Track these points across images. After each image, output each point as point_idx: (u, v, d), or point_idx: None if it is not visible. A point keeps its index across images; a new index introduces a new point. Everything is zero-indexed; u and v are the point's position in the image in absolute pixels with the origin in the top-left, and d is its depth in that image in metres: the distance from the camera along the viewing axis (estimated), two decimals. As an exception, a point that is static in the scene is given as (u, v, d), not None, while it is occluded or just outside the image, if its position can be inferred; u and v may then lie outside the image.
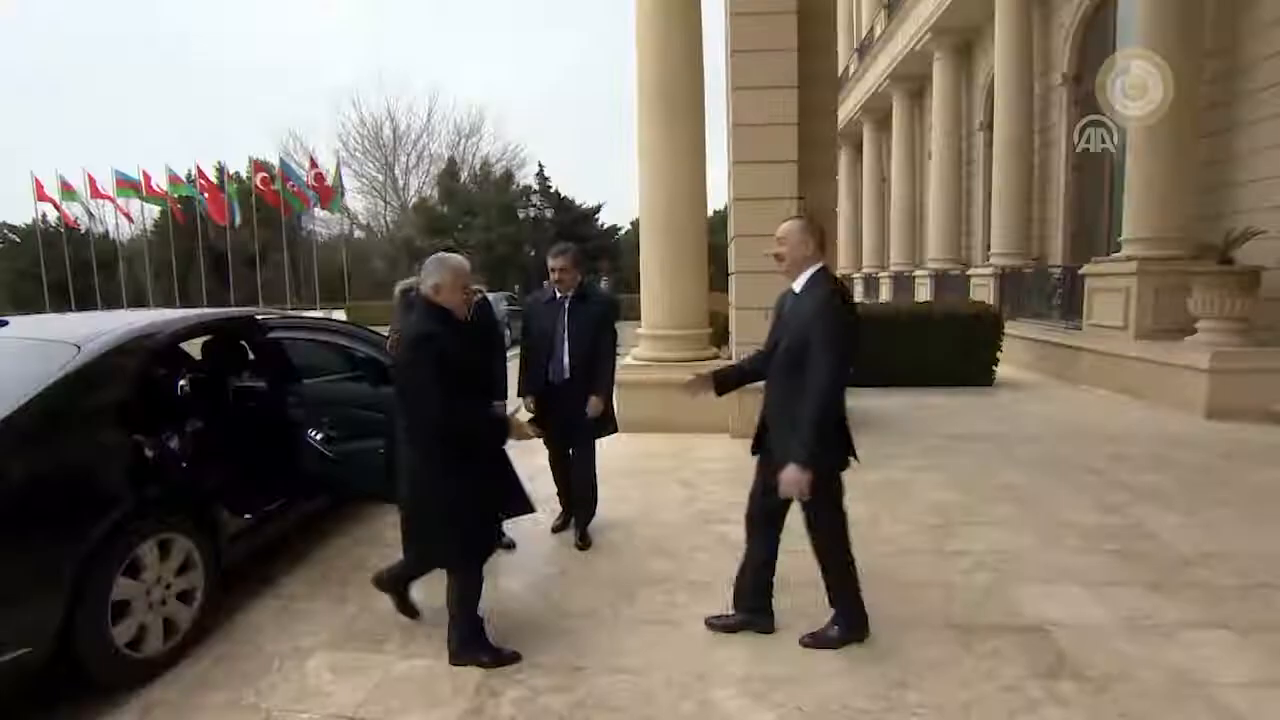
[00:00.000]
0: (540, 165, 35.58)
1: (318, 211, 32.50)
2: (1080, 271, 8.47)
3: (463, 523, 2.42)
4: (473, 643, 2.51)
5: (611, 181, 56.47)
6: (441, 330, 2.36)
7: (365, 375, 3.73)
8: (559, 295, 3.56)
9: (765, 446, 2.60)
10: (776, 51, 5.63)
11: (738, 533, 3.65)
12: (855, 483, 4.57)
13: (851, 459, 2.55)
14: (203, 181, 28.73)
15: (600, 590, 3.11)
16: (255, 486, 3.34)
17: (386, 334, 3.42)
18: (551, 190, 35.74)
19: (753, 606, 2.71)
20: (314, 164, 28.68)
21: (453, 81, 67.39)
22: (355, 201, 38.60)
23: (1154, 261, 7.25)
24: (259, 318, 3.59)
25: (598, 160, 56.00)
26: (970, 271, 12.37)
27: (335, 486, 3.54)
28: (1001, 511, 4.01)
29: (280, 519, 3.35)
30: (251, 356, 3.91)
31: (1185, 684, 2.31)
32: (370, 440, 3.39)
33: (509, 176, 37.50)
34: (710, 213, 7.45)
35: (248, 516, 3.14)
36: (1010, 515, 3.95)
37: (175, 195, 28.57)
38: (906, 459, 5.16)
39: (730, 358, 6.06)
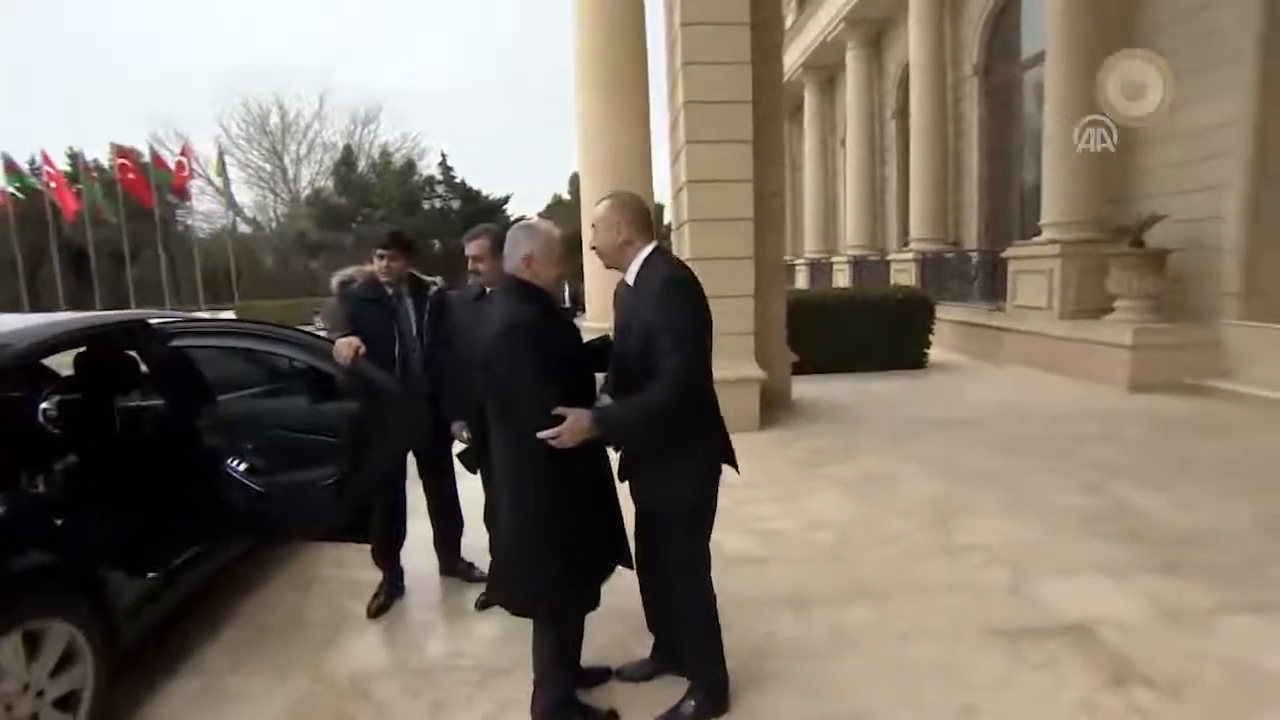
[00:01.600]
0: (443, 155, 34.02)
1: (198, 204, 29.48)
2: (1003, 254, 8.79)
3: (564, 555, 1.89)
4: (565, 703, 2.02)
5: (521, 172, 55.30)
6: (538, 314, 1.87)
7: (304, 389, 3.05)
8: (488, 291, 2.73)
9: (629, 471, 2.12)
10: (729, 25, 5.32)
11: (738, 539, 3.37)
12: (832, 477, 4.50)
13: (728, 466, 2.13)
14: (49, 170, 25.08)
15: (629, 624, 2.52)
16: (159, 534, 2.66)
17: (325, 335, 2.82)
18: (456, 180, 34.22)
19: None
20: (185, 151, 25.77)
21: (347, 76, 63.17)
22: (241, 193, 35.26)
23: (1074, 244, 7.58)
24: (154, 322, 2.87)
25: (506, 155, 54.47)
26: (891, 257, 12.72)
27: (263, 526, 2.89)
28: (992, 499, 3.92)
29: (195, 572, 2.68)
30: (144, 370, 3.14)
31: (1249, 673, 2.22)
32: (308, 469, 2.78)
33: (410, 166, 35.52)
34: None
35: (151, 575, 2.46)
36: (1002, 503, 3.86)
37: (14, 187, 24.72)
38: (875, 449, 5.03)
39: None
